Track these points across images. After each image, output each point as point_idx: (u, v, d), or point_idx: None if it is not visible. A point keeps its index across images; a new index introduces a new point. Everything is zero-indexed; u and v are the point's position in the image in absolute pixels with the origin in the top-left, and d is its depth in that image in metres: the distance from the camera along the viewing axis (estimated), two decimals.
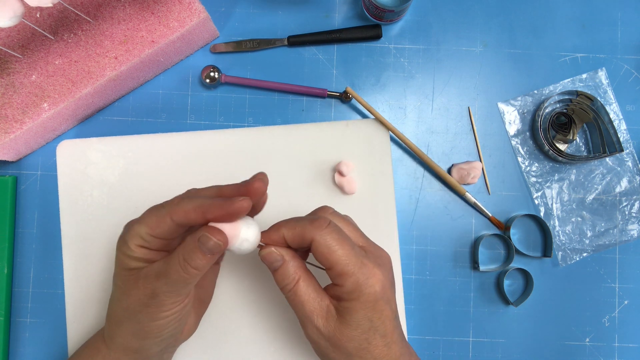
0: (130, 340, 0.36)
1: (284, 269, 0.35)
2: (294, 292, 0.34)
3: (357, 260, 0.34)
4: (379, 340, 0.34)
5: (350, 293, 0.33)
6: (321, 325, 0.34)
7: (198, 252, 0.32)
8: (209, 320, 0.48)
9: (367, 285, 0.33)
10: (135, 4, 0.47)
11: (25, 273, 0.50)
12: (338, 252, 0.33)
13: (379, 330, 0.34)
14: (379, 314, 0.34)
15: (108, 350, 0.38)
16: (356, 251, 0.34)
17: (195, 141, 0.50)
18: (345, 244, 0.34)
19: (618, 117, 0.52)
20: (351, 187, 0.48)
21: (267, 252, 0.35)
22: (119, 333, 0.36)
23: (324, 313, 0.34)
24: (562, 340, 0.50)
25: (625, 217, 0.51)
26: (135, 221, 0.35)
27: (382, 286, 0.34)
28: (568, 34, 0.53)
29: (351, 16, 0.53)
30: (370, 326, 0.34)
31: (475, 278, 0.51)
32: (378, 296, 0.34)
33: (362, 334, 0.34)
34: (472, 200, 0.50)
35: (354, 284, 0.33)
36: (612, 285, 0.51)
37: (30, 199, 0.51)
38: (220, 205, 0.32)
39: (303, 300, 0.34)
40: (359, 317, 0.34)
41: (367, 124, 0.50)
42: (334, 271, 0.34)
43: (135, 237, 0.34)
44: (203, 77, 0.51)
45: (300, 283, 0.34)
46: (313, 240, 0.33)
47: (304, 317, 0.35)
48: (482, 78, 0.53)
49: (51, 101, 0.46)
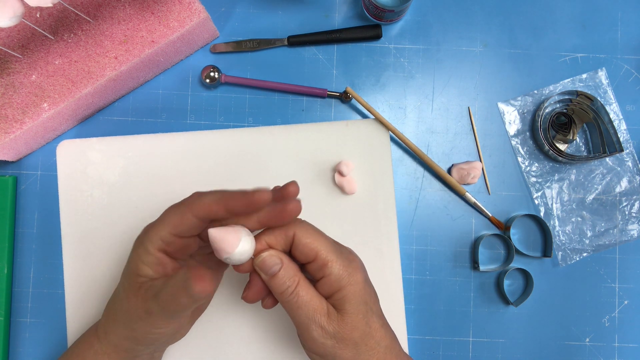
0: (123, 341, 0.36)
1: (284, 272, 0.34)
2: (297, 294, 0.34)
3: (336, 248, 0.35)
4: (376, 322, 0.35)
5: (339, 280, 0.34)
6: (325, 323, 0.34)
7: (183, 292, 0.31)
8: (209, 320, 0.48)
9: (351, 268, 0.34)
10: (135, 4, 0.47)
11: (25, 273, 0.50)
12: (320, 239, 0.34)
13: (374, 310, 0.35)
14: (369, 296, 0.35)
15: (100, 345, 0.38)
16: (332, 241, 0.35)
17: (195, 141, 0.50)
18: (321, 234, 0.35)
19: (618, 117, 0.52)
20: (351, 187, 0.48)
21: (262, 258, 0.34)
22: (114, 331, 0.37)
23: (325, 311, 0.34)
24: (562, 340, 0.50)
25: (625, 217, 0.51)
26: (156, 223, 0.34)
27: (362, 269, 0.36)
28: (568, 34, 0.53)
29: (351, 16, 0.53)
30: (367, 308, 0.35)
31: (475, 278, 0.51)
32: (364, 277, 0.35)
33: (363, 318, 0.34)
34: (472, 200, 0.50)
35: (340, 270, 0.34)
36: (612, 285, 0.51)
37: (30, 199, 0.51)
38: (241, 196, 0.32)
39: (305, 302, 0.34)
40: (356, 302, 0.34)
41: (367, 124, 0.50)
42: (318, 261, 0.34)
43: (156, 240, 0.33)
44: (203, 77, 0.51)
45: (300, 284, 0.34)
46: (295, 233, 0.34)
47: (307, 320, 0.34)
48: (482, 78, 0.53)
49: (51, 101, 0.46)
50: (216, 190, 0.33)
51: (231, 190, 0.33)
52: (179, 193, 0.49)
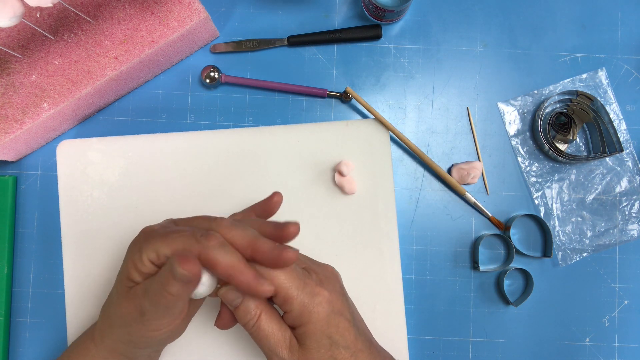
0: (119, 345, 0.37)
1: (244, 306, 0.34)
2: (257, 327, 0.34)
3: (300, 282, 0.34)
4: (344, 354, 0.35)
5: (300, 317, 0.34)
6: (286, 356, 0.34)
7: (170, 279, 0.31)
8: (208, 320, 0.48)
9: (313, 304, 0.34)
10: (135, 4, 0.47)
11: (25, 273, 0.50)
12: (280, 277, 0.33)
13: (340, 344, 0.35)
14: (335, 329, 0.35)
15: (97, 349, 0.38)
16: (298, 273, 0.34)
17: (195, 141, 0.50)
18: (287, 268, 0.34)
19: (618, 117, 0.52)
20: (351, 187, 0.48)
21: (224, 290, 0.34)
22: (110, 335, 0.37)
23: (287, 344, 0.35)
24: (562, 340, 0.50)
25: (625, 217, 0.51)
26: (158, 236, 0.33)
27: (328, 302, 0.35)
28: (568, 34, 0.53)
29: (351, 16, 0.53)
30: (331, 343, 0.34)
31: (475, 278, 0.51)
32: (328, 312, 0.34)
33: (326, 352, 0.34)
34: (472, 200, 0.50)
35: (300, 306, 0.34)
36: (612, 285, 0.51)
37: (30, 199, 0.51)
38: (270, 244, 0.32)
39: (267, 334, 0.34)
40: (317, 338, 0.34)
41: (367, 124, 0.50)
42: (279, 297, 0.34)
43: (152, 252, 0.33)
44: (203, 77, 0.51)
45: (262, 317, 0.35)
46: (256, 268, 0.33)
47: (269, 352, 0.35)
48: (482, 78, 0.53)
49: (51, 101, 0.46)
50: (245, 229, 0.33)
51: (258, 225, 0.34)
52: (179, 193, 0.49)
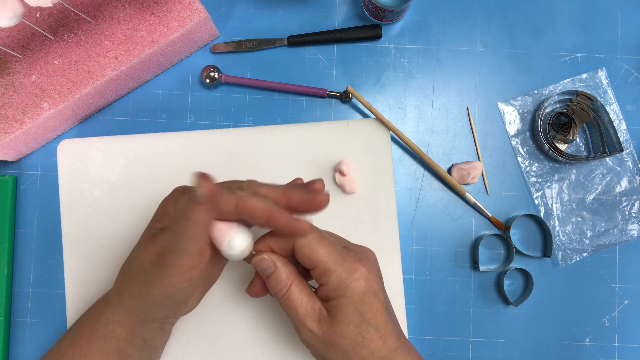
0: (135, 303, 0.36)
1: (276, 276, 0.35)
2: (287, 298, 0.35)
3: (339, 257, 0.35)
4: (373, 334, 0.35)
5: (336, 290, 0.34)
6: (314, 327, 0.35)
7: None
8: (209, 320, 0.48)
9: (351, 279, 0.34)
10: (135, 4, 0.47)
11: (25, 273, 0.50)
12: (319, 250, 0.34)
13: (371, 323, 0.35)
14: (369, 307, 0.35)
15: (111, 313, 0.38)
16: (337, 249, 0.35)
17: (195, 141, 0.50)
18: (326, 242, 0.35)
19: (618, 117, 0.52)
20: (352, 187, 0.48)
21: (258, 259, 0.36)
22: (127, 290, 0.37)
23: (316, 315, 0.35)
24: (562, 340, 0.50)
25: (625, 217, 0.51)
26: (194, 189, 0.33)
27: (366, 279, 0.35)
28: (568, 34, 0.53)
29: (351, 16, 0.53)
30: (362, 320, 0.34)
31: (475, 278, 0.51)
32: (364, 289, 0.35)
33: (355, 328, 0.34)
34: (472, 200, 0.50)
35: (337, 280, 0.34)
36: (612, 285, 0.51)
37: (30, 199, 0.51)
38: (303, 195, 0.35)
39: (296, 305, 0.35)
40: (349, 313, 0.34)
41: (368, 124, 0.50)
42: (317, 270, 0.34)
43: (187, 198, 0.35)
44: (203, 77, 0.51)
45: (292, 288, 0.35)
46: (295, 243, 0.35)
47: (297, 322, 0.35)
48: (482, 78, 0.53)
49: (51, 101, 0.46)
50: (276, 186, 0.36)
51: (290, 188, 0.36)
52: None
